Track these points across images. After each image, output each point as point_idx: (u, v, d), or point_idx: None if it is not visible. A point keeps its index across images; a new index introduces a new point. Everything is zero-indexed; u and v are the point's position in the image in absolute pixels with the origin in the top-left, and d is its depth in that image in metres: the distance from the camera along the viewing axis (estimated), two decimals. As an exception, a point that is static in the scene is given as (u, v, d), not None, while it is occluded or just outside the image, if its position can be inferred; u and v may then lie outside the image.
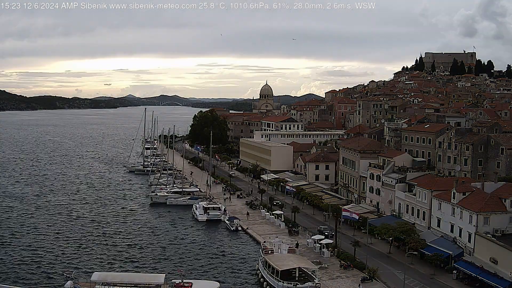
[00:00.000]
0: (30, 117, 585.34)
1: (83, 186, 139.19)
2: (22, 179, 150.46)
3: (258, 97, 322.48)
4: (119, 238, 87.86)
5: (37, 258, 75.30)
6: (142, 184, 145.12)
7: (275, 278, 62.45)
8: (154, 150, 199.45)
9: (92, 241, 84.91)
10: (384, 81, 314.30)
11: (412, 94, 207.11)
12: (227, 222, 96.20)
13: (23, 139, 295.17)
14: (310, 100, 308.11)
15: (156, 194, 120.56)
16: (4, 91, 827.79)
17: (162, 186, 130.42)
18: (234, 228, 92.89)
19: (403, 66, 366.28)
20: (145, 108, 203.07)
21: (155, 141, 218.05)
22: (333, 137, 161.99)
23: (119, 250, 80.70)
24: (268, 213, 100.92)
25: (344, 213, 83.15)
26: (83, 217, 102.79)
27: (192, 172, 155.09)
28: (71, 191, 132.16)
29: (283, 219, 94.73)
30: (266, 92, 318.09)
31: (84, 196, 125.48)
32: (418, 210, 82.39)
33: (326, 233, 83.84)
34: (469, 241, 68.12)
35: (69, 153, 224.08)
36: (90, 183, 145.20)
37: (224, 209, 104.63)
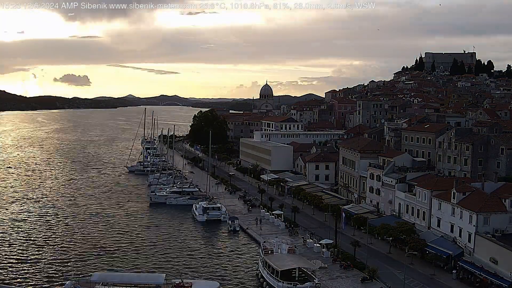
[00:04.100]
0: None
1: (83, 186, 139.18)
2: (20, 178, 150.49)
3: (258, 97, 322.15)
4: (119, 238, 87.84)
5: (37, 258, 75.26)
6: (142, 184, 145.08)
7: (275, 278, 62.38)
8: (154, 150, 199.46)
9: (92, 241, 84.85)
10: (384, 81, 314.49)
11: (412, 94, 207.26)
12: (228, 221, 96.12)
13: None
14: (310, 100, 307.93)
15: (155, 194, 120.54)
16: (4, 91, 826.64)
17: (161, 186, 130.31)
18: (232, 228, 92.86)
19: (403, 66, 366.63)
20: (145, 108, 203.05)
21: (155, 141, 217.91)
22: (333, 137, 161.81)
23: (119, 250, 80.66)
24: (268, 213, 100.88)
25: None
26: (83, 217, 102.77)
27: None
28: (70, 191, 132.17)
29: (283, 219, 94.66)
30: (266, 92, 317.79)
31: (83, 196, 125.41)
32: (418, 210, 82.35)
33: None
34: (469, 241, 68.10)
35: (69, 153, 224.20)
36: (90, 183, 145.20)
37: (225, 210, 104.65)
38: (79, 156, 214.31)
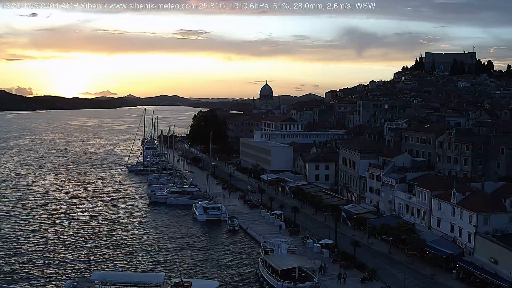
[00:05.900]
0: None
1: (83, 186, 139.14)
2: (20, 177, 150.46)
3: (258, 97, 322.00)
4: (119, 237, 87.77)
5: (36, 258, 75.12)
6: (142, 184, 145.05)
7: (275, 278, 62.34)
8: (154, 150, 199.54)
9: (92, 241, 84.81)
10: (384, 81, 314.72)
11: (412, 94, 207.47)
12: (227, 221, 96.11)
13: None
14: (310, 100, 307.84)
15: (155, 194, 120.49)
16: (4, 91, 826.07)
17: (161, 185, 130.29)
18: (232, 228, 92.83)
19: (403, 66, 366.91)
20: (145, 108, 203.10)
21: (155, 141, 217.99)
22: (333, 137, 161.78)
23: (119, 249, 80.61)
24: (268, 213, 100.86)
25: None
26: (83, 217, 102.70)
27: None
28: (70, 191, 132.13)
29: (283, 219, 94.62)
30: (266, 92, 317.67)
31: (83, 195, 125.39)
32: (418, 210, 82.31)
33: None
34: (469, 241, 68.08)
35: (68, 153, 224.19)
36: (90, 183, 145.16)
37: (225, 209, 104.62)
38: (78, 156, 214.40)
